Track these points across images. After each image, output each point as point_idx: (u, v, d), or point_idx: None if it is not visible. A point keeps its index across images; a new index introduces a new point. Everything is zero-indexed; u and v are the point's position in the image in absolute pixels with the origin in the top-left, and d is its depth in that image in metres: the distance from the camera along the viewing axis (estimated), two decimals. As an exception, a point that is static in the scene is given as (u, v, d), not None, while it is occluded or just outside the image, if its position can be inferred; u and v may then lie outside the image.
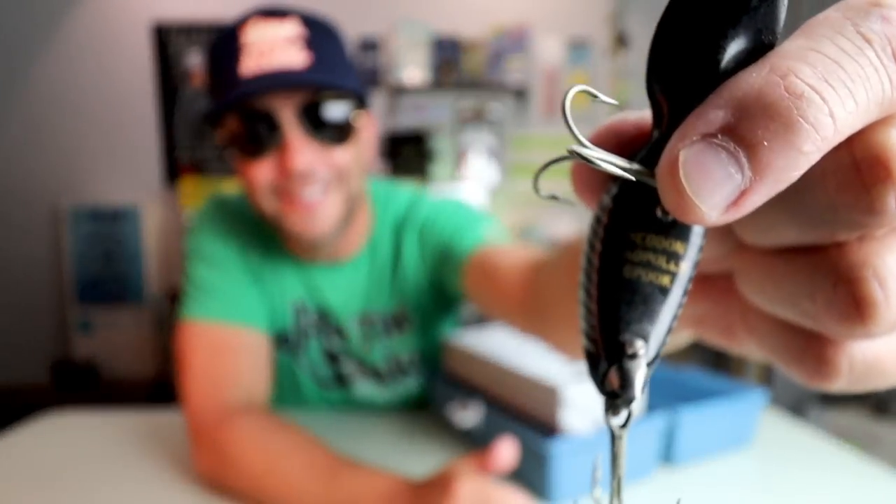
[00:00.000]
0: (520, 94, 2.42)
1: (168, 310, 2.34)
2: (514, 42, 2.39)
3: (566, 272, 0.40)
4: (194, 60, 2.39)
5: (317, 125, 0.60)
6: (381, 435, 0.73)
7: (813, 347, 0.16)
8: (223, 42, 0.61)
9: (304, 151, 0.59)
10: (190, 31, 2.37)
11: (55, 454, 0.68)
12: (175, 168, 2.43)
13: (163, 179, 2.45)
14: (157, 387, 2.32)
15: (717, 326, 0.20)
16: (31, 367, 2.44)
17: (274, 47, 0.58)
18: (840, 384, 0.16)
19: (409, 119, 2.44)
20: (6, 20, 2.34)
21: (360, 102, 0.64)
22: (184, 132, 2.43)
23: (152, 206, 2.43)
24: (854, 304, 0.13)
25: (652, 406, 0.66)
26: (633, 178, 0.13)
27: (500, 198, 2.51)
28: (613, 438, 0.14)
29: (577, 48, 2.45)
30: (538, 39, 2.43)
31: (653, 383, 0.72)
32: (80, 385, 2.29)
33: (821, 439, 0.72)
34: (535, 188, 0.17)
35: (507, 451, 0.49)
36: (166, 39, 2.37)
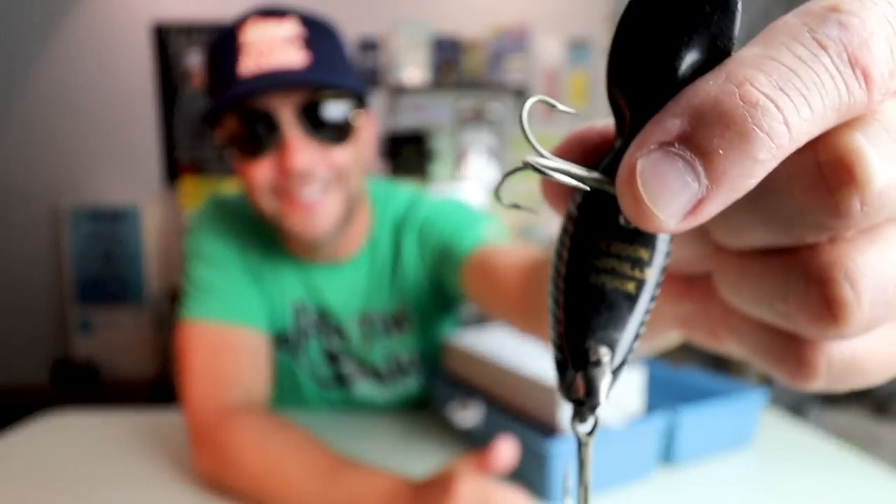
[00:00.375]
0: (520, 94, 2.42)
1: (168, 310, 2.34)
2: (514, 42, 2.39)
3: None
4: (194, 60, 2.39)
5: (316, 125, 0.59)
6: (381, 435, 0.73)
7: (792, 348, 0.16)
8: (222, 42, 0.61)
9: (303, 151, 0.59)
10: (190, 31, 2.37)
11: (55, 454, 0.68)
12: (175, 168, 2.43)
13: (163, 179, 2.45)
14: (157, 387, 2.32)
15: (702, 327, 0.20)
16: (31, 367, 2.44)
17: (273, 47, 0.58)
18: (819, 384, 0.16)
19: (409, 119, 2.44)
20: (6, 20, 2.34)
21: (360, 102, 0.63)
22: (184, 132, 2.43)
23: (152, 206, 2.43)
24: (826, 306, 0.13)
25: (652, 406, 0.66)
26: (588, 188, 0.13)
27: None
28: (580, 446, 0.14)
29: (577, 48, 2.45)
30: (538, 39, 2.43)
31: (653, 383, 0.72)
32: (80, 385, 2.29)
33: (821, 439, 0.72)
34: (497, 197, 0.17)
35: (506, 450, 0.49)
36: (166, 39, 2.37)
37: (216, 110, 0.59)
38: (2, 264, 2.46)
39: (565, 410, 0.56)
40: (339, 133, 0.61)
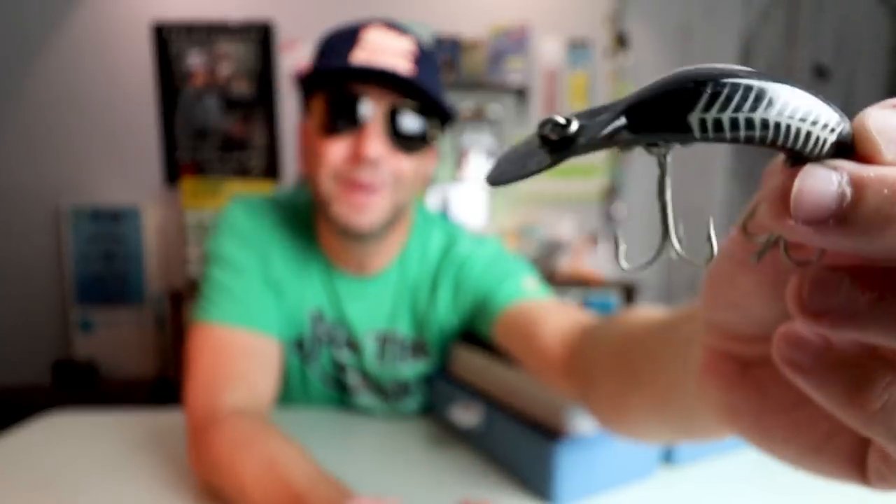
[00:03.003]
0: (520, 95, 2.42)
1: (168, 310, 2.35)
2: (514, 42, 2.39)
3: (614, 356, 0.40)
4: (194, 60, 2.39)
5: (396, 129, 0.64)
6: (381, 434, 0.73)
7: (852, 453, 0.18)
8: (342, 32, 0.66)
9: (378, 143, 0.62)
10: (190, 31, 2.37)
11: (55, 454, 0.68)
12: (175, 168, 2.43)
13: (163, 180, 2.45)
14: (157, 387, 2.32)
15: (749, 419, 0.22)
16: (31, 367, 2.44)
17: (387, 51, 0.63)
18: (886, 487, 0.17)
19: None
20: (6, 20, 2.34)
21: (441, 126, 0.68)
22: (184, 132, 2.43)
23: (153, 206, 2.43)
24: None
25: (652, 406, 0.66)
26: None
27: (500, 198, 2.51)
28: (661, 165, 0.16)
29: (577, 48, 2.45)
30: (538, 39, 2.44)
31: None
32: (81, 385, 2.29)
33: (821, 439, 0.72)
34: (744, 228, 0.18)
35: None
36: (166, 39, 2.38)
37: (318, 77, 0.64)
38: (2, 264, 2.46)
39: (571, 414, 0.57)
40: (412, 144, 0.65)
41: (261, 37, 2.38)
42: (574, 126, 0.15)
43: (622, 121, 0.15)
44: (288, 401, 0.80)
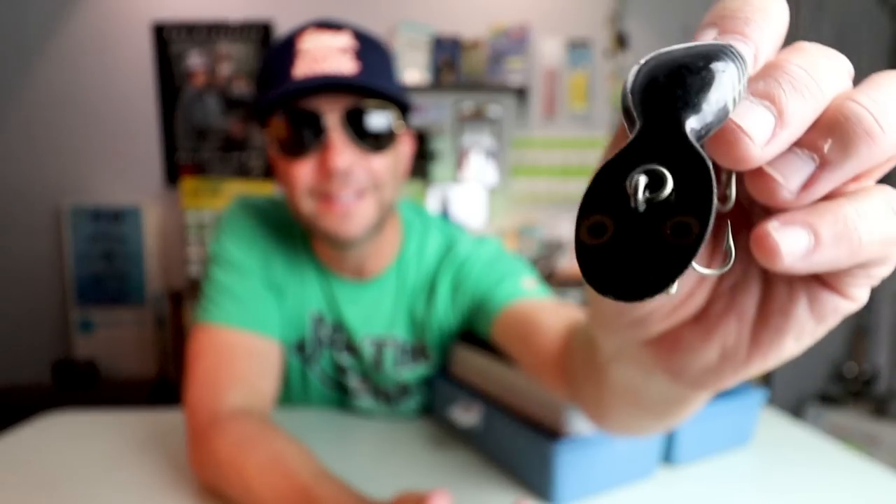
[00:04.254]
0: (520, 95, 2.42)
1: (168, 310, 2.34)
2: (514, 42, 2.39)
3: (586, 354, 0.40)
4: (194, 60, 2.39)
5: (359, 131, 0.62)
6: (381, 434, 0.73)
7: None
8: (279, 48, 0.64)
9: (345, 153, 0.61)
10: (190, 31, 2.37)
11: (55, 454, 0.68)
12: (175, 169, 2.43)
13: (163, 180, 2.45)
14: (158, 387, 2.32)
15: (740, 348, 0.23)
16: (32, 367, 2.44)
17: (327, 55, 0.61)
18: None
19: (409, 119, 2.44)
20: (6, 20, 2.34)
21: (403, 114, 0.66)
22: (184, 133, 2.43)
23: (153, 206, 2.43)
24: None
25: (652, 406, 0.66)
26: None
27: (500, 198, 2.51)
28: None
29: (577, 48, 2.45)
30: (538, 39, 2.44)
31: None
32: (81, 385, 2.29)
33: (820, 439, 0.72)
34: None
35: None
36: (166, 39, 2.37)
37: (267, 105, 0.62)
38: (3, 264, 2.46)
39: (571, 414, 0.57)
40: (380, 141, 0.64)
41: (261, 37, 2.38)
42: (669, 178, 0.14)
43: (691, 128, 0.14)
44: (288, 402, 0.80)
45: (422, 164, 2.42)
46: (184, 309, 2.29)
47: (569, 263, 2.41)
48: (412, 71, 2.35)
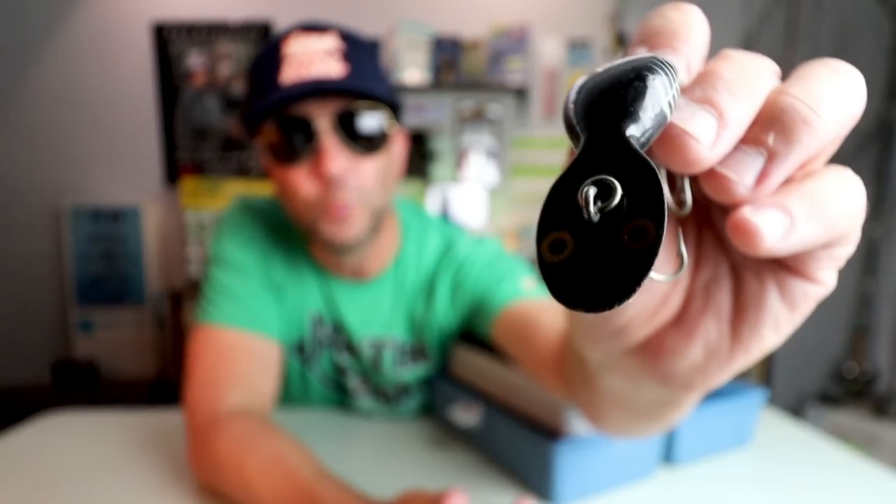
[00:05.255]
0: (520, 95, 2.42)
1: (168, 310, 2.34)
2: (514, 42, 2.39)
3: (574, 363, 0.40)
4: (194, 60, 2.39)
5: (351, 134, 0.61)
6: (381, 435, 0.73)
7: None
8: (265, 54, 0.63)
9: (338, 158, 0.60)
10: (190, 31, 2.37)
11: (55, 454, 0.68)
12: (175, 168, 2.43)
13: (163, 180, 2.45)
14: (157, 387, 2.32)
15: (723, 344, 0.23)
16: (31, 367, 2.44)
17: (313, 59, 0.60)
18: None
19: (409, 119, 2.44)
20: (6, 20, 2.34)
21: (394, 114, 0.65)
22: (184, 132, 2.43)
23: (153, 206, 2.43)
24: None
25: (652, 406, 0.66)
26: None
27: (500, 198, 2.51)
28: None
29: (577, 48, 2.45)
30: (538, 39, 2.43)
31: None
32: (81, 385, 2.29)
33: (820, 439, 0.72)
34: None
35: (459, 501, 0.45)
36: (166, 39, 2.37)
37: (256, 115, 0.61)
38: (2, 264, 2.46)
39: (571, 414, 0.57)
40: (373, 143, 0.63)
41: (261, 37, 2.38)
42: (617, 184, 0.14)
43: (633, 129, 0.15)
44: (288, 403, 0.80)
45: (422, 164, 2.42)
46: (184, 309, 2.29)
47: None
48: (412, 71, 2.35)
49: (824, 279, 0.20)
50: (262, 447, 0.55)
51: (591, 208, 0.14)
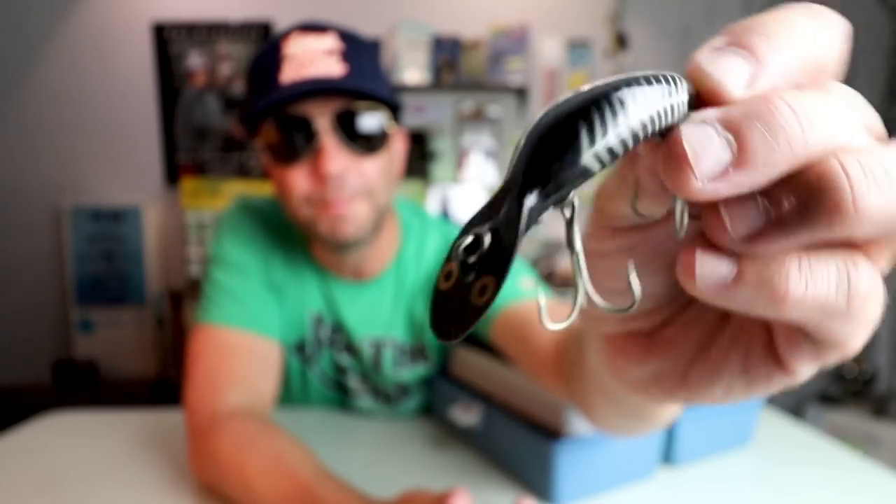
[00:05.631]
0: (520, 94, 2.42)
1: (168, 310, 2.34)
2: (514, 42, 2.39)
3: (574, 355, 0.40)
4: (195, 60, 2.39)
5: (351, 134, 0.61)
6: (381, 434, 0.73)
7: (766, 354, 0.18)
8: (265, 54, 0.63)
9: (337, 157, 0.60)
10: (190, 31, 2.37)
11: (55, 454, 0.68)
12: (175, 169, 2.43)
13: (163, 180, 2.45)
14: (158, 387, 2.32)
15: (672, 377, 0.21)
16: (31, 367, 2.44)
17: (313, 59, 0.60)
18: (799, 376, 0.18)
19: (409, 119, 2.44)
20: (6, 20, 2.34)
21: (393, 114, 0.65)
22: (184, 133, 2.43)
23: (153, 206, 2.43)
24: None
25: (652, 406, 0.66)
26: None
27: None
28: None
29: (577, 48, 2.45)
30: (538, 39, 2.43)
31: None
32: (81, 385, 2.29)
33: (820, 439, 0.72)
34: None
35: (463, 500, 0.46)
36: (166, 39, 2.37)
37: (256, 115, 0.61)
38: (3, 264, 2.46)
39: (571, 415, 0.57)
40: (372, 143, 0.63)
41: (261, 37, 2.38)
42: (488, 238, 0.14)
43: (531, 201, 0.14)
44: (288, 403, 0.80)
45: (422, 164, 2.42)
46: (184, 309, 2.29)
47: (568, 264, 2.42)
48: (412, 71, 2.35)
49: (796, 369, 0.17)
50: (262, 447, 0.55)
51: (460, 258, 0.15)
